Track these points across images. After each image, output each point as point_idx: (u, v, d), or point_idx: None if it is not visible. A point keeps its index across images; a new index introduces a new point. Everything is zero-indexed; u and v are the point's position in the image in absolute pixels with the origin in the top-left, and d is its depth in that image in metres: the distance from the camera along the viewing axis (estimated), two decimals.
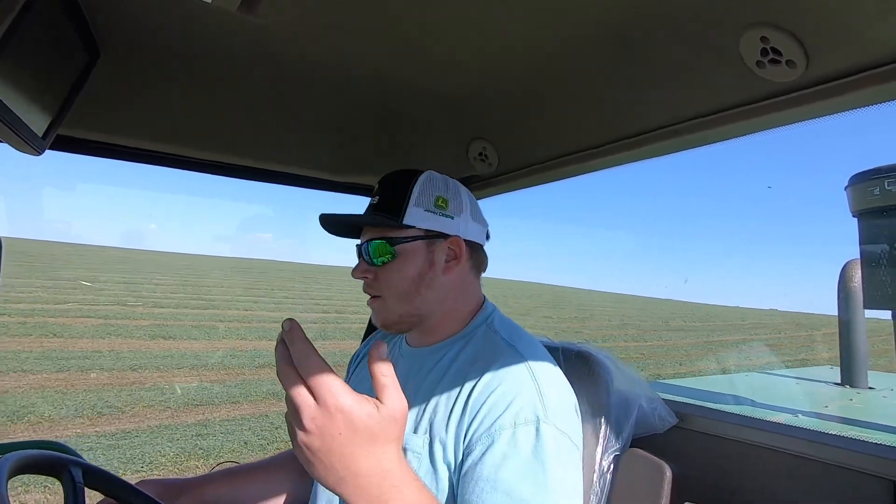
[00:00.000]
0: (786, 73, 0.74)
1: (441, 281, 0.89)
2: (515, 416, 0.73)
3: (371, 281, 0.90)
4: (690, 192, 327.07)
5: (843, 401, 4.46)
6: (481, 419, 0.75)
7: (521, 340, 0.87)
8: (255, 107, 1.16)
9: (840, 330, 4.78)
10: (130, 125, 1.15)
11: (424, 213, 0.88)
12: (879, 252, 3.89)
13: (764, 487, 1.04)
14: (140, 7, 0.82)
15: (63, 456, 0.82)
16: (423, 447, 0.79)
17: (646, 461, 0.95)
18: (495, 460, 0.71)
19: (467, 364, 0.84)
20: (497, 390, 0.76)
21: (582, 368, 1.00)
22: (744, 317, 38.46)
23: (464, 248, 0.91)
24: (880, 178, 3.87)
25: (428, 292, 0.88)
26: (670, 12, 0.72)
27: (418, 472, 0.77)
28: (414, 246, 0.88)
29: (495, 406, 0.75)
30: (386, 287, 0.89)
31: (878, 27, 0.64)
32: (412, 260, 0.88)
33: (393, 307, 0.89)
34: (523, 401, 0.74)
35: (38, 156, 0.86)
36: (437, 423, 0.79)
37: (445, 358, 0.88)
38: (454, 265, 0.90)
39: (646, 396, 1.11)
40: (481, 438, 0.73)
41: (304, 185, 1.49)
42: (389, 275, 0.88)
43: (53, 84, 0.82)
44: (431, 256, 0.89)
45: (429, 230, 0.88)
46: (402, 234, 0.88)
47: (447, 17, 0.80)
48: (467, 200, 0.93)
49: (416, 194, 0.88)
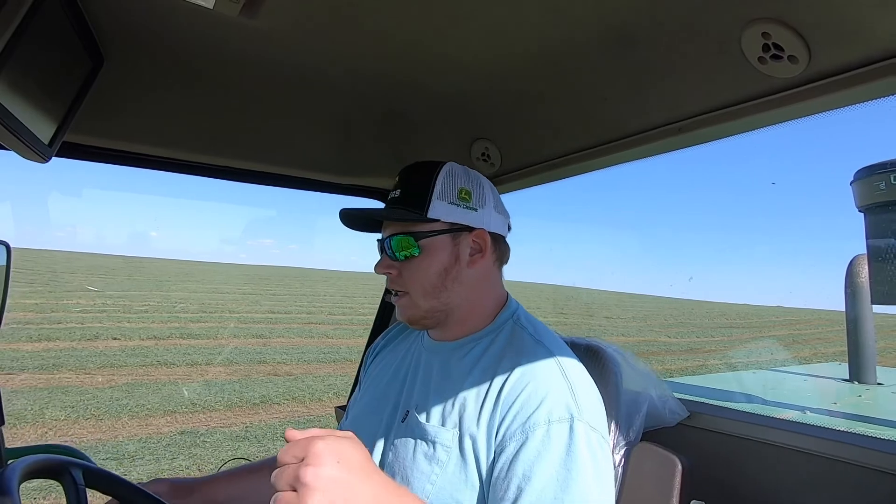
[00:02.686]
0: (788, 69, 0.73)
1: (467, 274, 0.87)
2: (549, 414, 0.73)
3: (395, 276, 0.88)
4: (690, 192, 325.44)
5: (851, 397, 4.42)
6: (514, 415, 0.74)
7: (547, 337, 0.87)
8: (259, 111, 1.16)
9: (847, 326, 4.74)
10: (136, 131, 1.16)
11: (448, 205, 0.86)
12: (886, 247, 3.86)
13: (772, 484, 1.03)
14: (143, 14, 0.83)
15: (64, 458, 0.83)
16: (452, 441, 0.78)
17: (657, 454, 0.95)
18: (529, 457, 0.70)
19: (496, 359, 0.83)
20: (529, 386, 0.76)
21: (592, 362, 1.00)
22: (775, 315, 39.46)
23: (489, 241, 0.89)
24: (886, 173, 3.85)
25: (454, 287, 0.87)
26: (672, 10, 0.72)
27: (447, 465, 0.77)
28: (439, 240, 0.86)
29: (528, 402, 0.74)
30: (412, 283, 0.86)
31: (880, 22, 0.64)
32: (438, 254, 0.86)
33: (419, 303, 0.87)
34: (556, 398, 0.74)
35: (44, 163, 0.87)
36: (466, 418, 0.78)
37: (473, 352, 0.87)
38: (479, 258, 0.88)
39: (656, 391, 1.11)
40: (515, 435, 0.73)
41: (309, 187, 1.50)
42: (414, 270, 0.86)
43: (58, 91, 0.83)
44: (457, 250, 0.87)
45: (454, 223, 0.86)
46: (426, 228, 0.86)
47: (449, 18, 0.81)
48: (489, 191, 0.92)
49: (440, 187, 0.86)
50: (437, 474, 0.77)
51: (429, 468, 0.77)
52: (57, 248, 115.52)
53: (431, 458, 0.78)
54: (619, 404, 0.98)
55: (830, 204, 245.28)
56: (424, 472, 0.77)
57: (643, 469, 0.95)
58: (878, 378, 4.82)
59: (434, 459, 0.78)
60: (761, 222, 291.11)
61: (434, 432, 0.79)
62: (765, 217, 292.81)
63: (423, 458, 0.78)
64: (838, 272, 4.90)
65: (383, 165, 1.44)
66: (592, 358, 1.00)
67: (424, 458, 0.78)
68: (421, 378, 0.90)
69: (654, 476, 0.93)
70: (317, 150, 1.38)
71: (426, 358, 0.93)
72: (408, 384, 0.92)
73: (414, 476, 0.78)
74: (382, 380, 0.98)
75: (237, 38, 0.87)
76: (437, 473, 0.77)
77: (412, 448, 0.81)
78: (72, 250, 69.42)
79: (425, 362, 0.92)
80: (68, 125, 0.87)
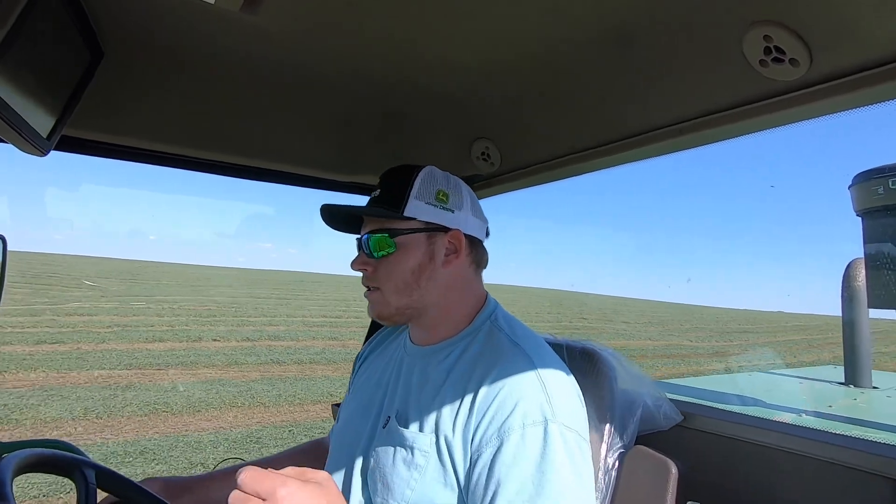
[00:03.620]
0: (789, 72, 0.73)
1: (441, 274, 0.89)
2: (524, 417, 0.73)
3: (370, 273, 0.90)
4: (691, 191, 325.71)
5: (847, 400, 4.44)
6: (489, 420, 0.75)
7: (525, 338, 0.87)
8: (259, 107, 1.16)
9: (844, 329, 4.76)
10: (134, 125, 1.15)
11: (425, 205, 0.88)
12: (883, 251, 3.88)
13: (767, 487, 1.04)
14: (143, 8, 0.82)
15: (75, 457, 0.83)
16: (430, 446, 0.79)
17: (651, 459, 0.95)
18: (506, 462, 0.71)
19: (472, 363, 0.84)
20: (503, 391, 0.76)
21: (586, 366, 1.00)
22: (783, 321, 40.37)
23: (464, 242, 0.90)
24: (884, 177, 3.86)
25: (428, 285, 0.88)
26: (672, 11, 0.72)
27: (426, 471, 0.77)
28: (414, 238, 0.88)
29: (502, 407, 0.75)
30: (385, 279, 0.88)
31: (882, 25, 0.64)
32: (412, 252, 0.88)
33: (391, 299, 0.88)
34: (530, 401, 0.74)
35: (43, 157, 0.86)
36: (443, 423, 0.79)
37: (451, 356, 0.88)
38: (454, 259, 0.90)
39: (650, 394, 1.11)
40: (490, 440, 0.73)
41: (307, 184, 1.49)
42: (389, 267, 0.88)
43: (58, 85, 0.82)
44: (432, 249, 0.89)
45: (429, 223, 0.88)
46: (402, 226, 0.88)
47: (449, 17, 0.81)
48: (468, 196, 0.93)
49: (418, 187, 0.88)
50: (416, 479, 0.77)
51: (408, 474, 0.78)
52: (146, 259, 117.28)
53: (410, 463, 0.78)
54: (613, 407, 0.98)
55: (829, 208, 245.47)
56: (404, 478, 0.78)
57: (637, 473, 0.95)
58: (874, 382, 4.84)
59: (413, 465, 0.78)
60: (760, 225, 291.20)
61: (412, 438, 0.80)
62: (763, 221, 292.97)
63: (403, 464, 0.79)
64: (836, 276, 4.91)
65: (383, 164, 1.43)
66: (587, 361, 1.00)
67: (404, 464, 0.79)
68: (402, 384, 0.91)
69: (648, 480, 0.93)
70: (316, 147, 1.37)
71: (408, 363, 0.93)
72: (390, 390, 0.92)
73: (394, 482, 0.78)
74: (369, 385, 0.99)
75: (238, 34, 0.87)
76: (416, 479, 0.77)
77: (392, 454, 0.81)
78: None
79: (406, 367, 0.93)
80: (67, 119, 0.87)
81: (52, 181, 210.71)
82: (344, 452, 0.91)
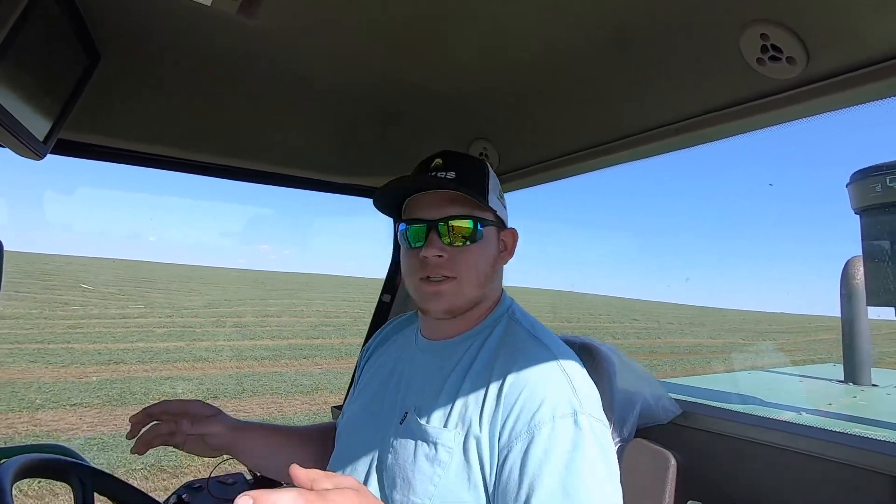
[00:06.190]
0: (786, 70, 0.73)
1: (499, 270, 0.90)
2: (553, 410, 0.73)
3: (444, 261, 0.82)
4: (691, 190, 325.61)
5: (846, 398, 4.45)
6: (517, 415, 0.74)
7: (543, 332, 0.87)
8: (257, 109, 1.16)
9: (843, 327, 4.76)
10: (132, 128, 1.15)
11: (496, 199, 0.88)
12: (882, 249, 3.88)
13: (766, 484, 1.04)
14: (140, 10, 0.82)
15: (71, 461, 0.83)
16: (455, 442, 0.78)
17: (651, 451, 0.95)
18: (538, 455, 0.70)
19: (493, 356, 0.83)
20: (529, 384, 0.76)
21: (587, 361, 1.00)
22: (805, 322, 41.20)
23: (516, 240, 0.92)
24: (882, 175, 3.87)
25: (495, 279, 0.88)
26: (670, 10, 0.72)
27: (450, 467, 0.77)
28: (492, 230, 0.87)
29: (530, 401, 0.74)
30: (466, 268, 0.83)
31: (878, 24, 0.64)
32: (491, 243, 0.87)
33: (467, 290, 0.84)
34: (558, 394, 0.74)
35: (39, 160, 0.86)
36: (468, 418, 0.78)
37: (471, 350, 0.86)
38: (506, 255, 0.91)
39: (650, 389, 1.11)
40: (520, 435, 0.73)
41: (306, 186, 1.49)
42: (471, 256, 0.84)
43: (54, 88, 0.82)
44: (500, 244, 0.90)
45: (500, 217, 0.89)
46: (488, 217, 0.86)
47: (448, 18, 0.81)
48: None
49: (492, 180, 0.87)
50: (439, 475, 0.76)
51: (431, 470, 0.77)
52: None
53: (433, 459, 0.77)
54: (613, 402, 0.98)
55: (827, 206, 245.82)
56: (426, 474, 0.77)
57: (637, 465, 0.95)
58: (873, 379, 4.85)
59: (436, 461, 0.77)
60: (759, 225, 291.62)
61: (436, 434, 0.79)
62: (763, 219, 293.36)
63: (425, 460, 0.78)
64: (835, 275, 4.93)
65: (381, 165, 1.44)
66: (587, 356, 1.01)
67: (426, 460, 0.78)
68: (418, 379, 0.90)
69: (647, 472, 0.94)
70: (315, 149, 1.37)
71: (421, 358, 0.92)
72: (403, 385, 0.91)
73: (416, 478, 0.77)
74: (377, 380, 0.98)
75: (235, 36, 0.87)
76: (439, 475, 0.76)
77: (412, 450, 0.80)
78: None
79: (421, 362, 0.91)
80: (64, 122, 0.87)
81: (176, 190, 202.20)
82: (353, 448, 0.90)
